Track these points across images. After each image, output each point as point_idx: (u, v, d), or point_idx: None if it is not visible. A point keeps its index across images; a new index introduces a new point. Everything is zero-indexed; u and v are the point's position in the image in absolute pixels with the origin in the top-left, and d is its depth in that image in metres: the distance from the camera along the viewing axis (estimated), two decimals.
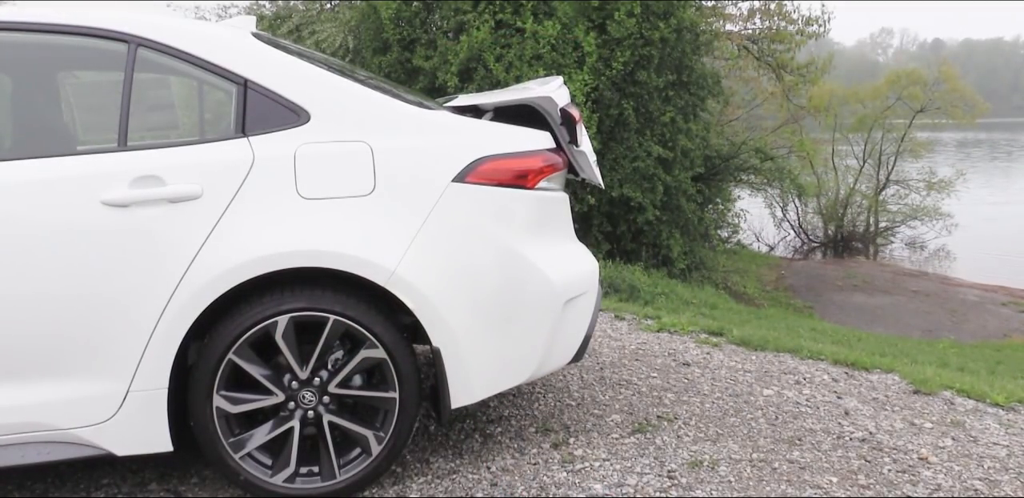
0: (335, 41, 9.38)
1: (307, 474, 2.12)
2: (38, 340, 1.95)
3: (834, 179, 17.44)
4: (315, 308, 2.04)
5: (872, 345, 5.90)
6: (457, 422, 2.71)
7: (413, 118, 2.19)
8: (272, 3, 11.31)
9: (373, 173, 2.09)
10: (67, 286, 1.94)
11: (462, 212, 2.13)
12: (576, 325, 2.37)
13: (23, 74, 2.31)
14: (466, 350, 2.12)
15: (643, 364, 3.40)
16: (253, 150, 2.06)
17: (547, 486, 2.21)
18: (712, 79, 9.63)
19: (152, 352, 1.97)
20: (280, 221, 2.03)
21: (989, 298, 11.44)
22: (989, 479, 2.26)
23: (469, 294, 2.13)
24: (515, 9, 8.09)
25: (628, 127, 8.40)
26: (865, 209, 17.32)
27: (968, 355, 6.75)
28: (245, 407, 2.07)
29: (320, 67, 2.22)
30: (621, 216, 8.67)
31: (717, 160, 11.27)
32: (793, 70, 12.19)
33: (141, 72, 2.13)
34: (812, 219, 17.79)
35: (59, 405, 1.97)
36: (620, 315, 4.50)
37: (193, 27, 2.19)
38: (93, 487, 2.27)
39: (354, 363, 2.10)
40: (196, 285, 1.97)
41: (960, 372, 4.21)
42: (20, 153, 2.04)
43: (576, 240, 2.56)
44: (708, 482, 2.22)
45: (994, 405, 2.94)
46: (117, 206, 1.97)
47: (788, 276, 12.83)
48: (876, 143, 17.41)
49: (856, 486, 2.20)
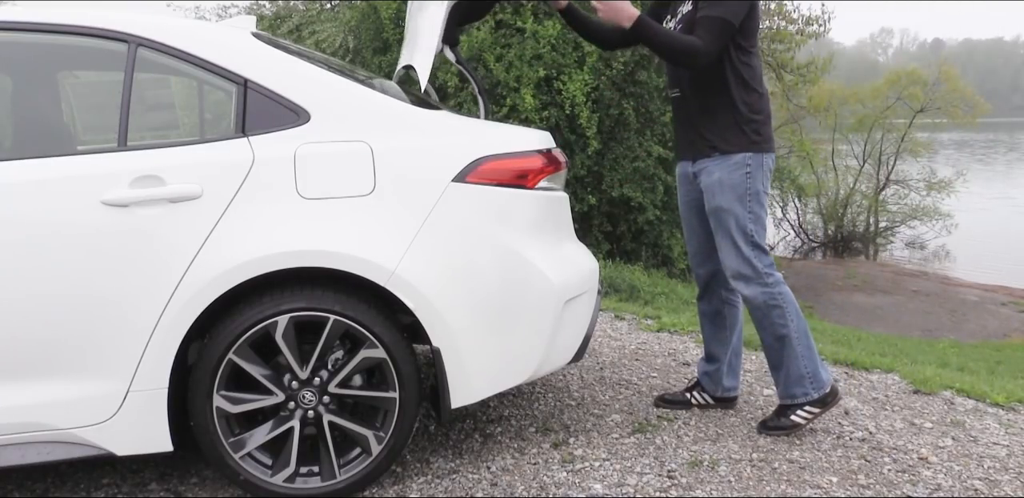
0: (335, 41, 9.37)
1: (307, 474, 2.13)
2: (38, 340, 1.95)
3: (834, 179, 17.42)
4: (315, 308, 2.04)
5: (872, 345, 5.89)
6: (457, 422, 2.71)
7: (413, 118, 2.19)
8: (272, 3, 11.30)
9: (373, 173, 2.09)
10: (67, 286, 1.94)
11: (462, 212, 2.13)
12: (576, 325, 2.37)
13: (23, 74, 2.31)
14: (466, 350, 2.12)
15: (643, 364, 3.40)
16: (253, 150, 2.06)
17: (547, 486, 2.21)
18: None
19: (152, 352, 1.98)
20: (280, 221, 2.03)
21: (989, 298, 11.44)
22: (989, 479, 2.26)
23: (469, 294, 2.13)
24: (515, 9, 8.08)
25: (628, 127, 8.39)
26: (865, 209, 17.30)
27: (968, 355, 6.75)
28: (245, 407, 2.07)
29: (320, 67, 2.22)
30: (621, 216, 8.66)
31: None
32: (793, 70, 12.17)
33: (141, 72, 2.13)
34: (812, 219, 17.77)
35: (59, 405, 1.97)
36: (620, 315, 4.50)
37: (193, 27, 2.19)
38: (93, 487, 2.27)
39: (354, 363, 2.10)
40: (196, 285, 1.97)
41: (960, 372, 4.21)
42: (20, 153, 2.04)
43: (576, 240, 2.56)
44: (708, 482, 2.22)
45: (994, 405, 2.94)
46: (117, 206, 1.97)
47: (788, 276, 12.79)
48: (876, 143, 17.39)
49: (856, 486, 2.20)
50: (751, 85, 2.46)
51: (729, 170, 2.46)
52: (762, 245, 2.49)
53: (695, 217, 2.67)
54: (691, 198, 2.65)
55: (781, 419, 2.54)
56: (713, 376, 2.75)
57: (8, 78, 2.36)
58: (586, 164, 8.17)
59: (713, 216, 2.51)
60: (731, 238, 2.48)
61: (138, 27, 2.10)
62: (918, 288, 12.00)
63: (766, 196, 2.50)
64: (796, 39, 11.80)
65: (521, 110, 7.60)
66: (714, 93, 2.47)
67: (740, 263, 2.48)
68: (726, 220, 2.48)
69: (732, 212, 2.46)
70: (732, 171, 2.46)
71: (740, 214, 2.46)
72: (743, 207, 2.46)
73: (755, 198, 2.46)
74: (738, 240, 2.47)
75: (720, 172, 2.47)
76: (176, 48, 2.10)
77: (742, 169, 2.45)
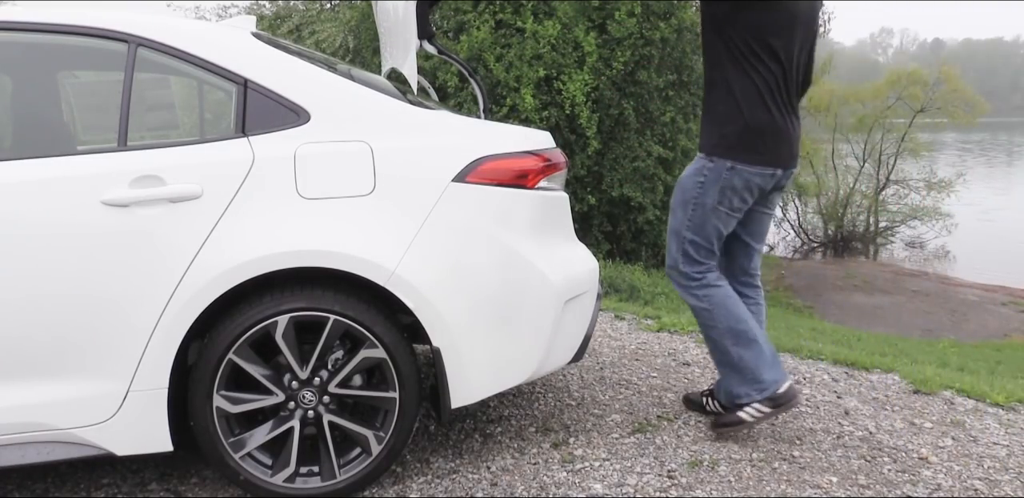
0: (335, 41, 9.38)
1: (307, 474, 2.12)
2: (38, 340, 1.95)
3: (834, 179, 17.42)
4: (315, 308, 2.04)
5: (872, 345, 5.90)
6: (457, 422, 2.71)
7: (413, 118, 2.19)
8: (272, 3, 11.31)
9: (373, 173, 2.09)
10: (67, 286, 1.94)
11: (462, 212, 2.13)
12: (576, 325, 2.37)
13: (23, 74, 2.31)
14: (466, 350, 2.12)
15: (643, 364, 3.40)
16: (253, 150, 2.06)
17: (547, 486, 2.21)
18: None
19: (152, 352, 1.97)
20: (280, 221, 2.03)
21: (989, 298, 11.43)
22: (989, 479, 2.26)
23: (469, 294, 2.13)
24: (515, 9, 8.09)
25: (628, 127, 8.40)
26: (865, 209, 17.30)
27: (968, 355, 6.75)
28: (245, 407, 2.07)
29: (320, 67, 2.22)
30: (621, 216, 8.67)
31: None
32: None
33: (141, 72, 2.13)
34: (812, 219, 17.78)
35: (59, 405, 1.97)
36: (620, 315, 4.50)
37: (193, 27, 2.19)
38: (93, 487, 2.27)
39: (354, 363, 2.10)
40: (196, 285, 1.97)
41: (960, 372, 4.21)
42: (20, 153, 2.03)
43: (576, 240, 2.56)
44: (708, 482, 2.22)
45: (994, 405, 2.94)
46: (117, 206, 1.97)
47: (788, 276, 12.82)
48: (876, 143, 17.39)
49: (856, 486, 2.20)
50: (738, 94, 2.35)
51: (690, 172, 2.49)
52: (693, 255, 2.49)
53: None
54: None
55: (729, 415, 2.53)
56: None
57: (8, 78, 2.36)
58: (586, 164, 8.17)
59: (670, 209, 2.58)
60: (671, 235, 2.55)
61: (138, 27, 2.10)
62: (918, 288, 12.00)
63: (725, 210, 2.43)
64: None
65: (521, 110, 7.60)
66: (711, 89, 2.46)
67: (672, 261, 2.56)
68: (672, 218, 2.54)
69: (675, 213, 2.52)
70: (691, 175, 2.48)
71: (680, 218, 2.50)
72: (684, 213, 2.49)
73: (699, 209, 2.44)
74: (671, 241, 2.54)
75: (686, 170, 2.52)
76: (176, 48, 2.10)
77: (698, 176, 2.45)
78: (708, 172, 2.41)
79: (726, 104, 2.38)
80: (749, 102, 2.36)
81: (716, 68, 2.41)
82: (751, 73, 2.35)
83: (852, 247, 16.97)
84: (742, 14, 2.30)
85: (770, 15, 2.31)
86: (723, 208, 2.43)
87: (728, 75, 2.37)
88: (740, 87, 2.36)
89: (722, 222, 2.45)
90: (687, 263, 2.50)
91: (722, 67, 2.38)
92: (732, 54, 2.35)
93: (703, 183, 2.42)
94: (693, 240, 2.48)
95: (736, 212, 2.45)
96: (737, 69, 2.36)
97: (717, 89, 2.41)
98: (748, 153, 2.37)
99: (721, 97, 2.40)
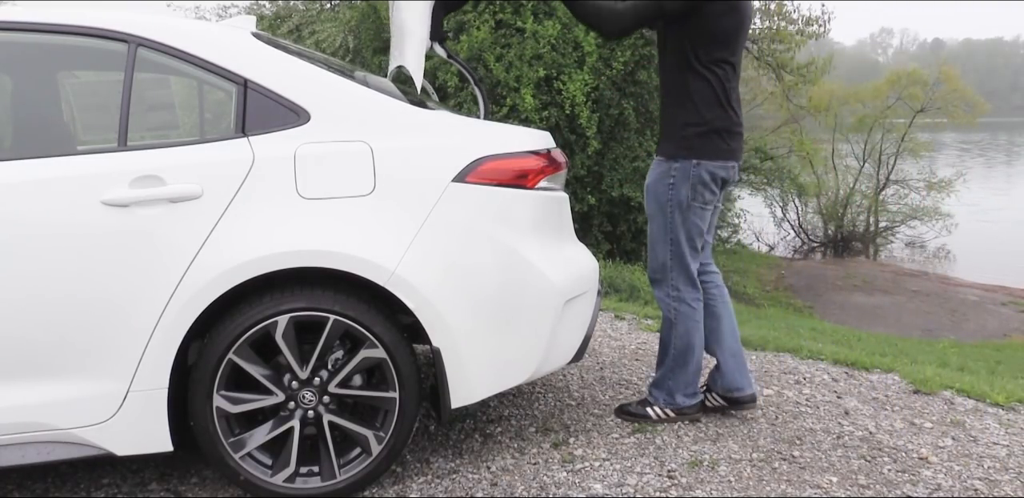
0: (335, 41, 9.38)
1: (307, 474, 2.13)
2: (38, 340, 1.95)
3: (834, 179, 17.41)
4: (315, 308, 2.04)
5: (872, 345, 5.89)
6: (457, 422, 2.71)
7: (413, 118, 2.19)
8: (272, 3, 11.31)
9: (373, 173, 2.09)
10: (67, 286, 1.94)
11: (462, 212, 2.13)
12: (576, 325, 2.37)
13: (23, 74, 2.31)
14: (466, 350, 2.12)
15: (643, 364, 3.40)
16: (253, 150, 2.06)
17: (547, 486, 2.21)
18: None
19: (152, 352, 1.97)
20: (280, 221, 2.03)
21: (989, 298, 11.43)
22: (989, 479, 2.26)
23: (469, 294, 2.13)
24: (515, 9, 8.08)
25: (628, 127, 8.40)
26: (865, 209, 17.29)
27: (968, 355, 6.74)
28: (245, 407, 2.07)
29: (320, 67, 2.22)
30: (621, 216, 8.66)
31: None
32: (793, 70, 12.16)
33: (141, 72, 2.13)
34: (812, 219, 17.77)
35: (59, 405, 1.97)
36: (620, 315, 4.50)
37: (193, 27, 2.19)
38: (93, 487, 2.27)
39: (354, 363, 2.10)
40: (196, 285, 1.97)
41: (960, 372, 4.21)
42: (20, 153, 2.03)
43: (576, 240, 2.56)
44: (708, 482, 2.22)
45: (994, 405, 2.95)
46: (117, 206, 1.97)
47: (788, 276, 12.82)
48: (876, 143, 17.39)
49: (856, 486, 2.20)
50: (696, 96, 2.45)
51: (657, 177, 2.54)
52: (685, 260, 2.54)
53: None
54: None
55: (638, 407, 2.69)
56: (714, 374, 2.74)
57: (8, 78, 2.36)
58: (586, 164, 8.17)
59: (648, 217, 2.61)
60: (655, 241, 2.57)
61: (138, 27, 2.10)
62: (918, 288, 12.00)
63: (699, 205, 2.51)
64: (796, 39, 11.79)
65: (521, 110, 7.60)
66: (667, 95, 2.54)
67: (657, 265, 2.59)
68: (652, 224, 2.58)
69: (655, 219, 2.56)
70: (658, 179, 2.53)
71: (661, 222, 2.54)
72: (664, 216, 2.53)
73: (676, 208, 2.50)
74: (657, 246, 2.57)
75: (651, 176, 2.57)
76: (176, 48, 2.10)
77: (667, 179, 2.51)
78: (676, 172, 2.49)
79: (685, 108, 2.49)
80: (707, 104, 2.46)
81: (672, 72, 2.51)
82: (707, 76, 2.45)
83: (852, 247, 16.97)
84: (700, 20, 2.39)
85: (728, 20, 2.41)
86: (697, 203, 2.51)
87: (686, 79, 2.47)
88: (697, 89, 2.46)
89: (699, 217, 2.53)
90: (676, 267, 2.55)
91: (679, 72, 2.48)
92: (688, 60, 2.45)
93: (674, 184, 2.50)
94: (678, 240, 2.53)
95: (708, 205, 2.54)
96: (694, 73, 2.45)
97: (674, 94, 2.52)
98: (711, 151, 2.48)
99: (679, 101, 2.50)
